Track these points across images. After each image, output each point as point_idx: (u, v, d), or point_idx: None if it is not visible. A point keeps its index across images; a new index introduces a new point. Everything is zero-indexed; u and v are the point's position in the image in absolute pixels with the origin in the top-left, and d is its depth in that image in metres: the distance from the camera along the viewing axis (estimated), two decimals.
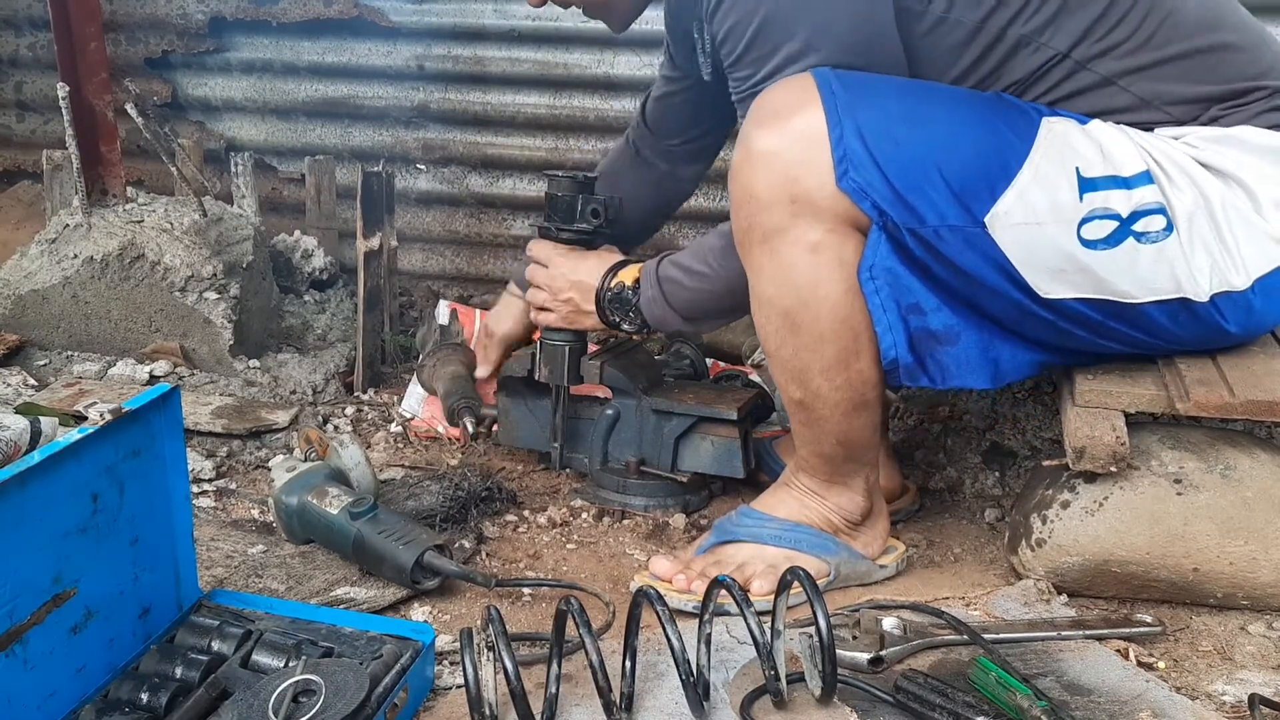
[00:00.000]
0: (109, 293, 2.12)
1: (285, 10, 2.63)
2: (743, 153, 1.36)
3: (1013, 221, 1.32)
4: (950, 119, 1.34)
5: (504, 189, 2.66)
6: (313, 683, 1.09)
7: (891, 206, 1.31)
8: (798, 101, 1.32)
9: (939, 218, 1.32)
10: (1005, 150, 1.33)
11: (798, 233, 1.34)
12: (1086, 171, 1.33)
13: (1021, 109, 1.37)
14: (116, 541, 1.17)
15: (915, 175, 1.31)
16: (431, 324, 2.28)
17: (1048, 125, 1.35)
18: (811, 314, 1.37)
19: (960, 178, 1.31)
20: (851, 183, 1.30)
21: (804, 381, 1.41)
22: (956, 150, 1.32)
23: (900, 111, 1.32)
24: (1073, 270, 1.34)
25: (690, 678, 1.16)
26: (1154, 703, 1.23)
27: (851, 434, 1.44)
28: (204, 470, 1.80)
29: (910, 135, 1.31)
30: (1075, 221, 1.33)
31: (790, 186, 1.32)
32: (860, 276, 1.35)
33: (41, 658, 1.06)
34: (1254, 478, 1.42)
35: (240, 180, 2.41)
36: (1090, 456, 1.40)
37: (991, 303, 1.38)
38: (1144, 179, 1.34)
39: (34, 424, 1.69)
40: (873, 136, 1.30)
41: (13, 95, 2.88)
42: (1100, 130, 1.36)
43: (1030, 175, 1.32)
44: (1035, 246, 1.33)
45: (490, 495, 1.72)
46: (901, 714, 1.20)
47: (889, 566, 1.53)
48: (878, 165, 1.30)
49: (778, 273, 1.37)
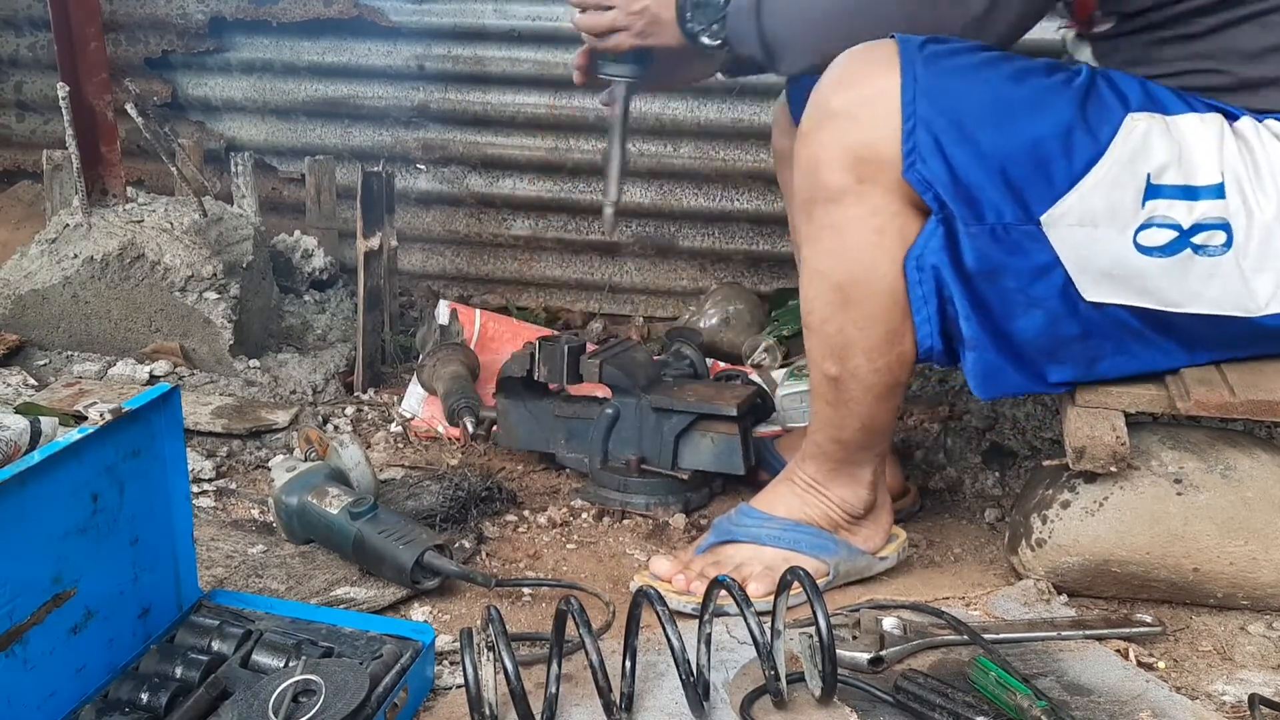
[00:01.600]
0: (109, 292, 2.12)
1: (285, 10, 2.62)
2: (815, 110, 1.34)
3: (1069, 222, 1.30)
4: (1029, 114, 1.30)
5: (504, 189, 2.66)
6: (313, 683, 1.09)
7: (953, 200, 1.30)
8: (877, 71, 1.30)
9: (997, 215, 1.30)
10: (1077, 151, 1.30)
11: (863, 203, 1.32)
12: (1157, 178, 1.30)
13: (1107, 103, 1.32)
14: (116, 541, 1.17)
15: (981, 173, 1.29)
16: (431, 324, 2.28)
17: (1130, 124, 1.31)
18: (865, 291, 1.35)
19: (1025, 178, 1.29)
20: (917, 174, 1.29)
21: (844, 359, 1.39)
22: (1027, 150, 1.29)
23: (978, 105, 1.30)
24: (1123, 274, 1.32)
25: (690, 678, 1.16)
26: (1154, 703, 1.23)
27: (877, 419, 1.43)
28: (204, 470, 1.80)
29: (983, 133, 1.29)
30: (1133, 227, 1.30)
31: (860, 150, 1.30)
32: (906, 264, 1.34)
33: (41, 658, 1.06)
34: (1254, 478, 1.42)
35: (240, 180, 2.41)
36: (1090, 456, 1.41)
37: (1024, 319, 1.35)
38: (1214, 191, 1.30)
39: (34, 424, 1.69)
40: (943, 128, 1.28)
41: (12, 95, 2.88)
42: (1189, 128, 1.32)
43: (1097, 178, 1.29)
44: (1088, 247, 1.31)
45: (490, 495, 1.72)
46: (901, 714, 1.21)
47: (889, 558, 1.53)
48: (946, 161, 1.29)
49: (837, 244, 1.36)
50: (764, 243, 2.57)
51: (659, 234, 2.62)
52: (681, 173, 2.55)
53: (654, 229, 2.62)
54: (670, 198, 2.57)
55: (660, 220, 2.62)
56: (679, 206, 2.59)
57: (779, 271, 2.57)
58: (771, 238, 2.55)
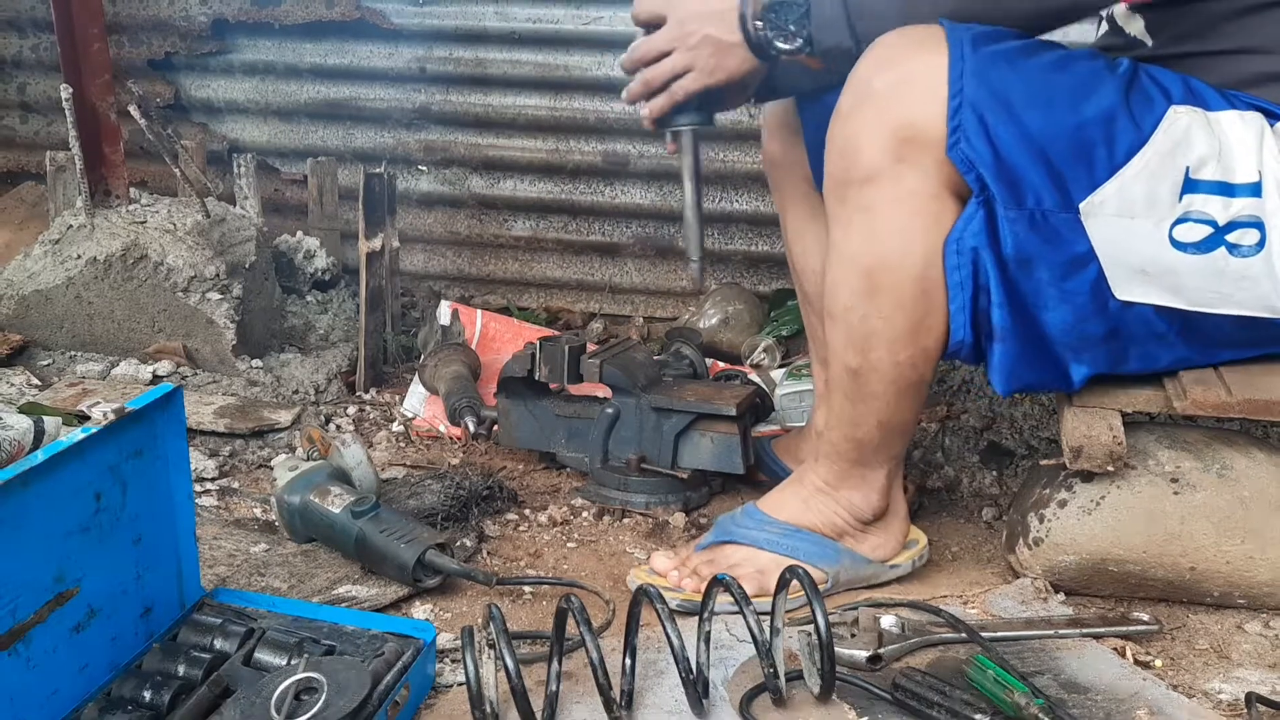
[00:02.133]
0: (112, 293, 2.13)
1: (287, 12, 2.63)
2: (854, 92, 1.32)
3: (1107, 212, 1.29)
4: (1074, 99, 1.29)
5: (505, 190, 2.67)
6: (315, 680, 1.09)
7: (994, 181, 1.28)
8: (924, 52, 1.29)
9: (1036, 201, 1.29)
10: (1119, 139, 1.29)
11: (899, 184, 1.30)
12: (1196, 172, 1.29)
13: (1150, 94, 1.31)
14: (119, 540, 1.17)
15: (1024, 156, 1.28)
16: (433, 324, 2.29)
17: (1172, 117, 1.30)
18: (894, 277, 1.33)
19: (1068, 162, 1.28)
20: (960, 153, 1.28)
21: (865, 350, 1.37)
22: (1071, 134, 1.28)
23: (1023, 87, 1.28)
24: (1156, 271, 1.31)
25: (690, 675, 1.17)
26: (1151, 701, 1.23)
27: (896, 416, 1.41)
28: (207, 469, 1.81)
29: (1028, 115, 1.27)
30: (1169, 220, 1.30)
31: (901, 131, 1.29)
32: (946, 248, 1.32)
33: (44, 656, 1.07)
34: (1251, 477, 1.42)
35: (243, 181, 2.42)
36: (1087, 456, 1.41)
37: (1054, 312, 1.34)
38: (1251, 190, 1.30)
39: (37, 424, 1.70)
40: (990, 109, 1.27)
41: (16, 96, 2.89)
42: (1230, 125, 1.31)
43: (1138, 168, 1.29)
44: (1125, 240, 1.30)
45: (491, 494, 1.72)
46: (900, 712, 1.21)
47: (903, 565, 1.52)
48: (990, 141, 1.27)
49: (869, 227, 1.33)
50: (763, 243, 2.58)
51: (659, 234, 2.63)
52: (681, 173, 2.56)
53: (654, 229, 2.63)
54: (670, 198, 2.57)
55: (660, 221, 2.62)
56: (679, 207, 2.59)
57: (778, 272, 2.57)
58: (771, 239, 2.56)
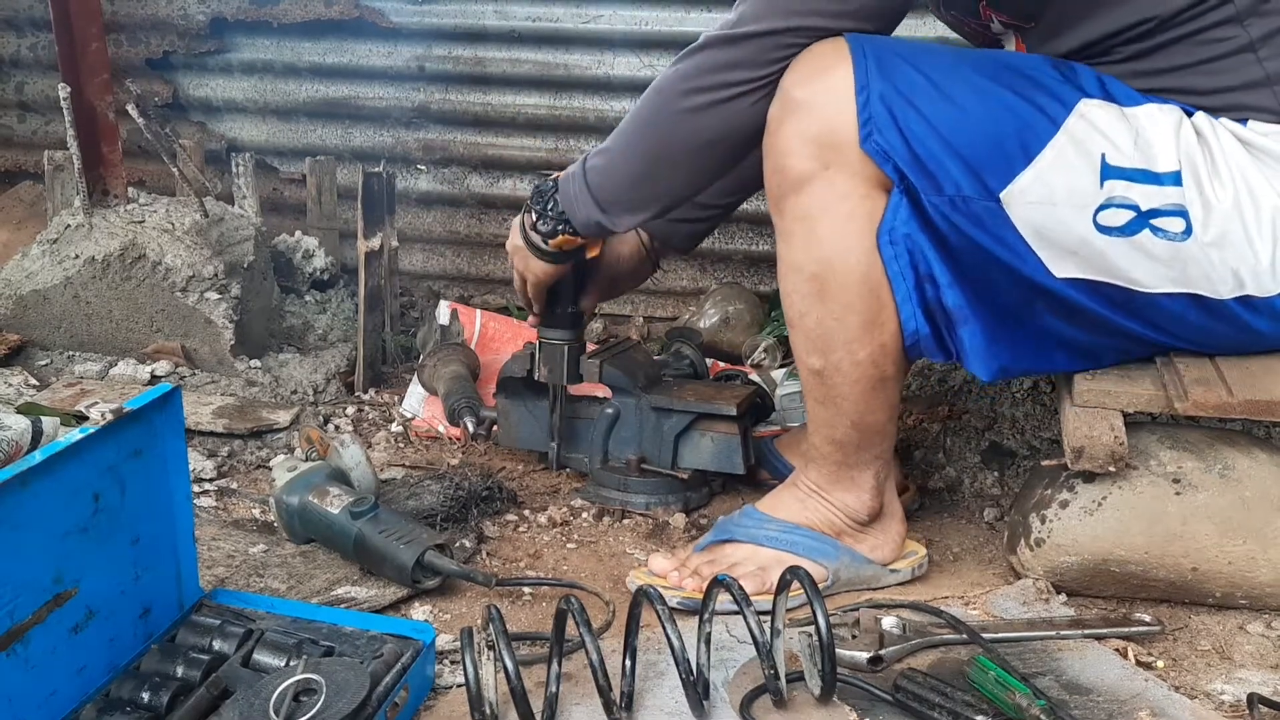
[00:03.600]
0: (110, 293, 2.12)
1: (286, 11, 2.63)
2: (779, 104, 1.37)
3: (1028, 200, 1.33)
4: (976, 94, 1.34)
5: (504, 189, 2.66)
6: (314, 682, 1.09)
7: (911, 171, 1.33)
8: (830, 62, 1.34)
9: (956, 188, 1.33)
10: (1028, 130, 1.33)
11: (830, 189, 1.35)
12: (1112, 159, 1.33)
13: (1056, 91, 1.36)
14: (118, 541, 1.17)
15: (934, 144, 1.32)
16: (432, 324, 2.29)
17: (1082, 109, 1.34)
18: (839, 279, 1.37)
19: (977, 153, 1.33)
20: (874, 145, 1.32)
21: (826, 351, 1.41)
22: (976, 126, 1.33)
23: (925, 82, 1.34)
24: (1086, 252, 1.35)
25: (690, 677, 1.16)
26: (1153, 702, 1.23)
27: (868, 415, 1.43)
28: (205, 470, 1.81)
29: (932, 107, 1.33)
30: (1092, 207, 1.33)
31: (821, 137, 1.34)
32: (880, 240, 1.36)
33: (42, 657, 1.07)
34: (1252, 477, 1.42)
35: (241, 181, 2.41)
36: (1089, 456, 1.41)
37: (1003, 284, 1.38)
38: (1172, 179, 1.34)
39: (35, 424, 1.70)
40: (896, 102, 1.32)
41: (14, 96, 2.88)
42: (1146, 117, 1.36)
43: (1052, 157, 1.33)
44: (1050, 226, 1.34)
45: (491, 495, 1.72)
46: (901, 713, 1.21)
47: (902, 571, 1.52)
48: (899, 130, 1.32)
49: (808, 233, 1.38)
50: (764, 243, 2.57)
51: None
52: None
53: None
54: None
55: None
56: None
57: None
58: (771, 238, 2.53)
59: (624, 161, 1.49)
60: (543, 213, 1.58)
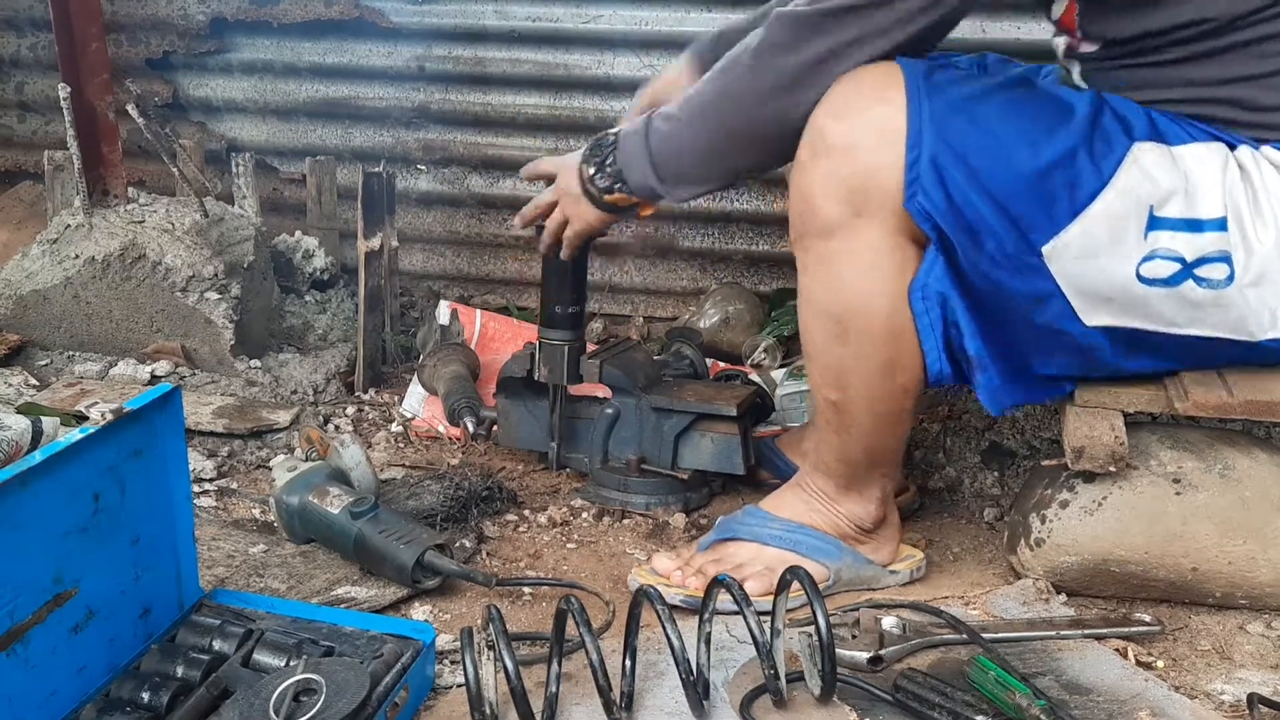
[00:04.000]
0: (110, 293, 2.12)
1: (286, 11, 2.62)
2: (811, 145, 1.32)
3: (1070, 254, 1.29)
4: (1030, 147, 1.27)
5: (504, 189, 2.66)
6: (314, 682, 1.09)
7: (953, 230, 1.28)
8: (880, 103, 1.28)
9: (997, 246, 1.29)
10: (1080, 183, 1.27)
11: (856, 237, 1.31)
12: (1160, 210, 1.28)
13: (1111, 133, 1.30)
14: (118, 541, 1.17)
15: (980, 204, 1.27)
16: (432, 324, 2.29)
17: (1134, 155, 1.28)
18: (862, 323, 1.34)
19: (1028, 210, 1.27)
20: (918, 205, 1.27)
21: (843, 387, 1.39)
22: (1031, 184, 1.27)
23: (981, 137, 1.27)
24: (1123, 300, 1.31)
25: (690, 677, 1.16)
26: (1153, 702, 1.23)
27: (880, 443, 1.43)
28: (205, 470, 1.80)
29: (983, 164, 1.26)
30: (1136, 259, 1.29)
31: (856, 184, 1.29)
32: (911, 295, 1.33)
33: (42, 657, 1.07)
34: (1252, 477, 1.42)
35: (241, 181, 2.41)
36: (1089, 456, 1.41)
37: (1025, 329, 1.35)
38: (1218, 225, 1.29)
39: (35, 424, 1.70)
40: (947, 163, 1.26)
41: (14, 96, 2.88)
42: (1194, 160, 1.30)
43: (1100, 210, 1.27)
44: (1089, 277, 1.30)
45: (491, 495, 1.72)
46: (901, 713, 1.21)
47: (901, 573, 1.52)
48: (948, 193, 1.27)
49: (830, 277, 1.35)
50: (764, 243, 2.57)
51: (659, 234, 2.62)
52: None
53: (654, 229, 2.63)
54: None
55: (660, 220, 2.62)
56: (679, 207, 2.58)
57: (779, 271, 2.57)
58: (771, 238, 2.55)
59: (692, 134, 1.40)
60: (600, 167, 1.50)
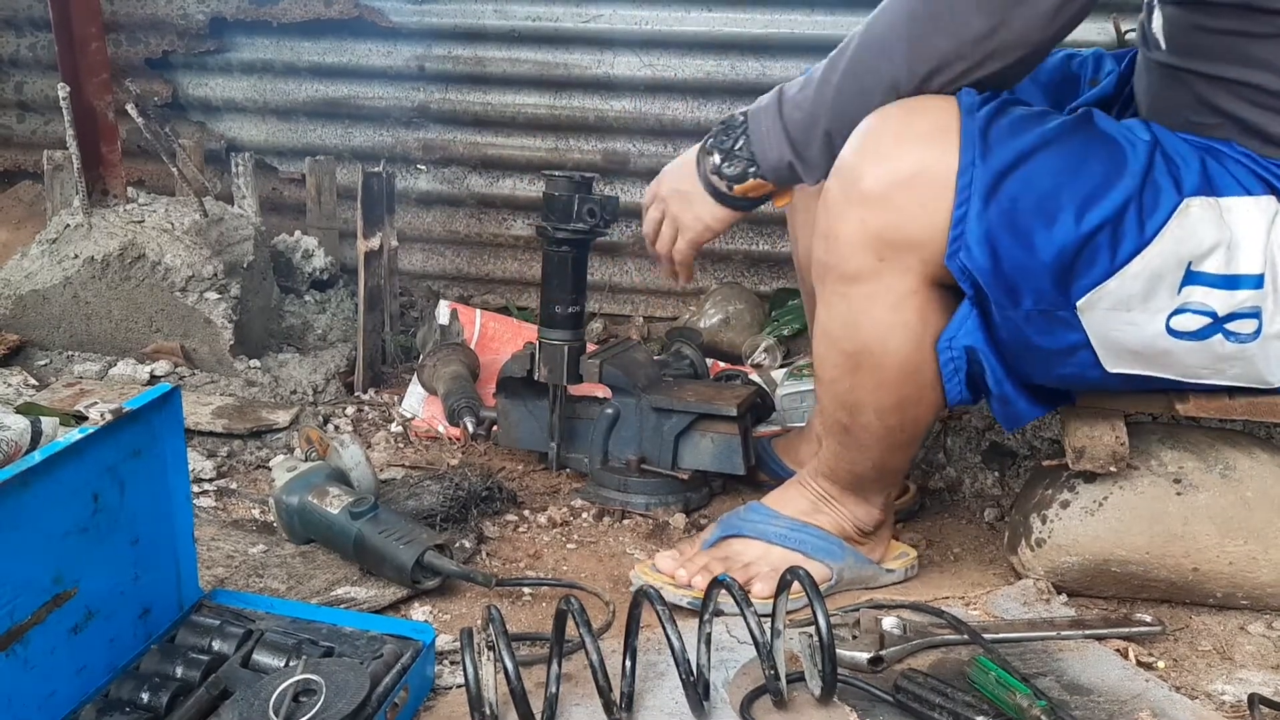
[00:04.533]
0: (110, 293, 2.12)
1: (285, 11, 2.63)
2: (843, 189, 1.26)
3: (1104, 307, 1.26)
4: (1080, 207, 1.22)
5: (504, 189, 2.66)
6: (313, 682, 1.09)
7: (992, 289, 1.24)
8: (927, 143, 1.23)
9: (1035, 302, 1.25)
10: (1124, 239, 1.23)
11: (879, 281, 1.27)
12: (1198, 265, 1.24)
13: (1162, 187, 1.24)
14: (117, 541, 1.17)
15: (1026, 265, 1.23)
16: (432, 324, 2.29)
17: (1183, 210, 1.23)
18: (877, 362, 1.32)
19: (1070, 266, 1.23)
20: (959, 263, 1.24)
21: (854, 413, 1.38)
22: (1075, 243, 1.22)
23: (1033, 199, 1.22)
24: (1149, 353, 1.29)
25: (690, 677, 1.16)
26: (1153, 702, 1.23)
27: (890, 463, 1.44)
28: (205, 470, 1.80)
29: (1033, 227, 1.22)
30: (1167, 311, 1.26)
31: (891, 235, 1.24)
32: (939, 344, 1.31)
33: (42, 657, 1.06)
34: (1253, 477, 1.42)
35: (241, 180, 2.41)
36: (1090, 456, 1.41)
37: (1048, 374, 1.34)
38: (1255, 282, 1.25)
39: (35, 424, 1.69)
40: (996, 225, 1.21)
41: (13, 95, 2.88)
42: (1242, 214, 1.25)
43: (1140, 267, 1.23)
44: (1120, 330, 1.27)
45: (490, 495, 1.71)
46: (901, 713, 1.21)
47: (896, 571, 1.52)
48: (994, 254, 1.22)
49: (849, 315, 1.31)
50: (764, 243, 2.57)
51: None
52: None
53: None
54: None
55: None
56: None
57: (779, 271, 2.57)
58: (771, 238, 2.55)
59: (835, 95, 1.30)
60: (730, 152, 1.38)
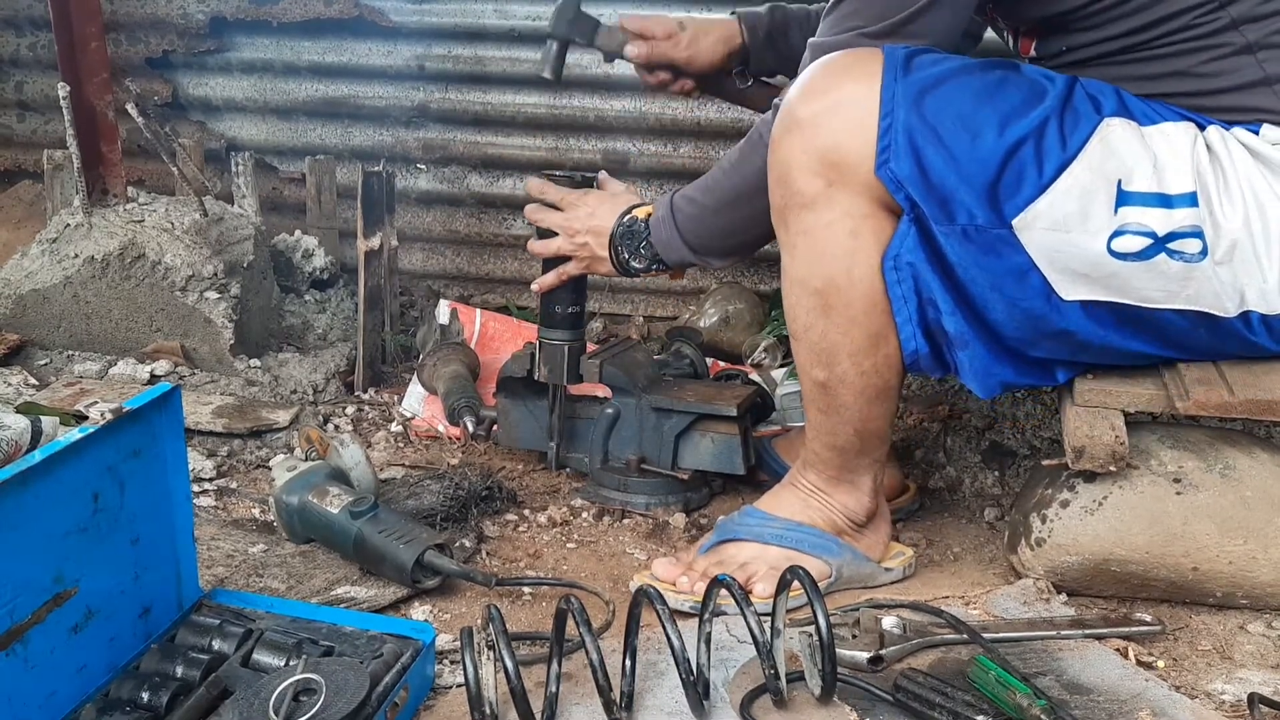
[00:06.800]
0: (110, 292, 2.12)
1: (285, 10, 2.62)
2: (783, 123, 1.37)
3: (1041, 226, 1.32)
4: (1004, 122, 1.32)
5: (504, 189, 2.66)
6: (313, 682, 1.09)
7: (924, 200, 1.32)
8: (851, 76, 1.33)
9: (969, 218, 1.32)
10: (1048, 157, 1.32)
11: (836, 207, 1.35)
12: (1128, 184, 1.32)
13: (1080, 111, 1.34)
14: (117, 541, 1.17)
15: (953, 176, 1.31)
16: (432, 323, 2.29)
17: (1103, 130, 1.33)
18: (844, 296, 1.38)
19: (996, 181, 1.31)
20: (889, 173, 1.32)
21: (830, 364, 1.42)
22: (1000, 158, 1.31)
23: (952, 112, 1.32)
24: (1098, 275, 1.34)
25: (690, 676, 1.16)
26: (1153, 702, 1.23)
27: (869, 423, 1.45)
28: (205, 469, 1.80)
29: (954, 138, 1.31)
30: (1106, 233, 1.32)
31: (829, 154, 1.33)
32: (884, 265, 1.36)
33: (42, 657, 1.06)
34: (1253, 477, 1.42)
35: (241, 180, 2.41)
36: (1090, 456, 1.41)
37: (1006, 313, 1.37)
38: (1188, 200, 1.32)
39: (35, 423, 1.70)
40: (920, 134, 1.31)
41: (13, 95, 2.88)
42: (1162, 137, 1.34)
43: (1068, 183, 1.31)
44: (1062, 251, 1.33)
45: (490, 494, 1.72)
46: (901, 713, 1.21)
47: (895, 570, 1.53)
48: (919, 162, 1.31)
49: (812, 250, 1.38)
50: None
51: None
52: (681, 172, 2.55)
53: None
54: None
55: None
56: None
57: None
58: None
59: (715, 216, 1.56)
60: (635, 251, 1.64)
